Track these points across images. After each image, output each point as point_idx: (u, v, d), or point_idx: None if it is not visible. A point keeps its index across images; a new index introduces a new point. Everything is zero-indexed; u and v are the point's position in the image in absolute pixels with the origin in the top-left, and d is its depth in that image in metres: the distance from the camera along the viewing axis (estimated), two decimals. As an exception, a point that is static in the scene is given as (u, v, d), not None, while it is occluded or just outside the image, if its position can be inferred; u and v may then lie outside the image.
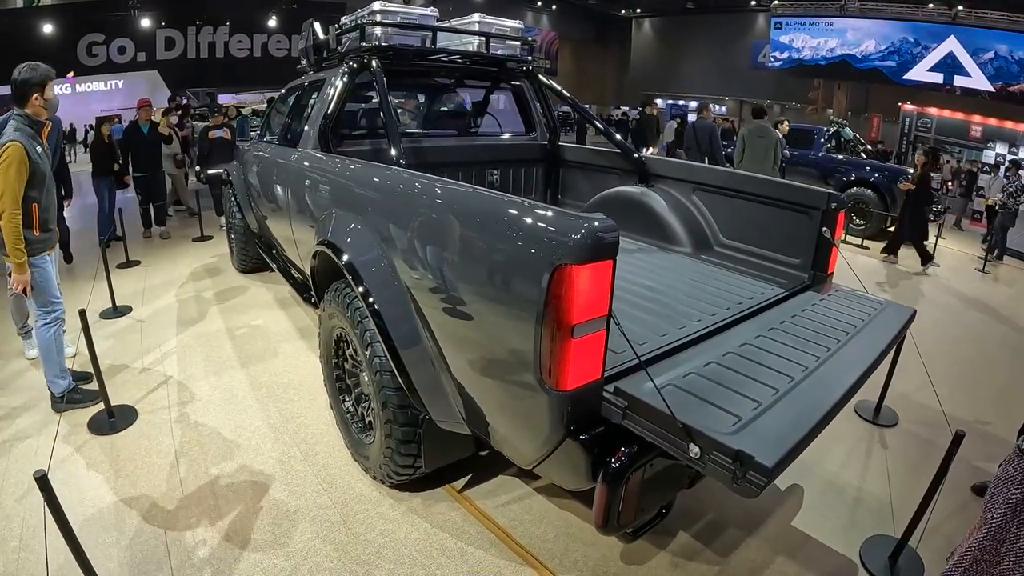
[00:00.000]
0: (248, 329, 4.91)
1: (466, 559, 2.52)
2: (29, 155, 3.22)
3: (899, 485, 3.17)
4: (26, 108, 3.31)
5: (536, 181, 4.69)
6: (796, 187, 3.14)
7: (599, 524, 1.79)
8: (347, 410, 3.12)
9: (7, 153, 3.14)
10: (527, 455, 2.03)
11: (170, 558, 2.49)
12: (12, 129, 3.24)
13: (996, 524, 1.84)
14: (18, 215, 3.22)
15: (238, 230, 5.93)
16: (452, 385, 2.30)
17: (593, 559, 2.54)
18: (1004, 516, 1.82)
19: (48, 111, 3.40)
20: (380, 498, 2.87)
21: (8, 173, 3.15)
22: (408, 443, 2.55)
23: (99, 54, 19.99)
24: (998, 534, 1.84)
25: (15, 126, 3.25)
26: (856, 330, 2.47)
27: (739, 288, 3.00)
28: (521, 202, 1.97)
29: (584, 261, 1.65)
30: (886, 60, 20.35)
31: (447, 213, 2.22)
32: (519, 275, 1.84)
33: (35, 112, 3.32)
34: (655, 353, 2.15)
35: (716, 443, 1.55)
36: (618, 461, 1.76)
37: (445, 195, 2.28)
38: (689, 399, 1.79)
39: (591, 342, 1.74)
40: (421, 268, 2.31)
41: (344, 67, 3.60)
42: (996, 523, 1.84)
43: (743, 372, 2.00)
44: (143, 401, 3.73)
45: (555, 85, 4.54)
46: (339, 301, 2.79)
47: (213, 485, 2.95)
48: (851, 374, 2.07)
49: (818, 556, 2.65)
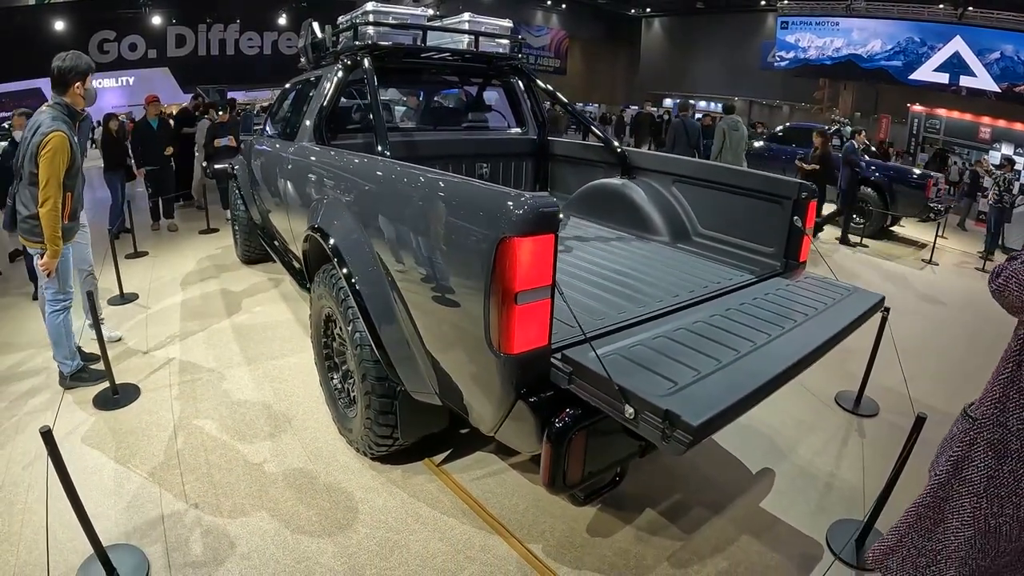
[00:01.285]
0: (249, 315, 5.08)
1: (438, 526, 2.67)
2: (71, 144, 3.29)
3: (873, 472, 3.20)
4: (66, 96, 3.36)
5: (526, 174, 4.83)
6: (769, 178, 3.24)
7: (545, 482, 1.93)
8: (334, 387, 3.28)
9: (52, 142, 3.18)
10: (487, 420, 2.16)
11: (163, 520, 2.66)
12: (50, 118, 3.27)
13: (938, 481, 1.87)
14: (59, 203, 3.29)
15: (242, 222, 6.11)
16: (424, 358, 2.45)
17: (559, 530, 2.67)
18: (946, 474, 1.85)
19: (86, 101, 3.44)
20: (362, 469, 3.02)
21: (54, 161, 3.20)
22: (386, 414, 2.70)
23: (110, 51, 20.25)
24: (940, 491, 1.87)
25: (53, 115, 3.29)
26: (816, 312, 2.54)
27: (709, 274, 3.10)
28: (472, 182, 2.13)
29: (526, 233, 1.80)
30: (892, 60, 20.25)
31: (413, 195, 2.38)
32: (470, 248, 1.99)
33: (74, 101, 3.37)
34: (609, 328, 2.28)
35: (648, 403, 1.68)
36: (562, 421, 1.89)
37: (411, 179, 2.44)
38: (631, 366, 1.92)
39: (535, 310, 1.88)
40: (393, 248, 2.48)
41: (338, 64, 3.76)
42: (938, 480, 1.87)
43: (690, 345, 2.12)
44: (146, 380, 3.90)
45: (542, 83, 4.68)
46: (327, 283, 2.96)
47: (208, 456, 3.11)
48: (798, 352, 2.14)
49: (784, 537, 2.73)
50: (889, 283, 7.30)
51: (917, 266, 8.30)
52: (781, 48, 23.39)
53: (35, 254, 3.50)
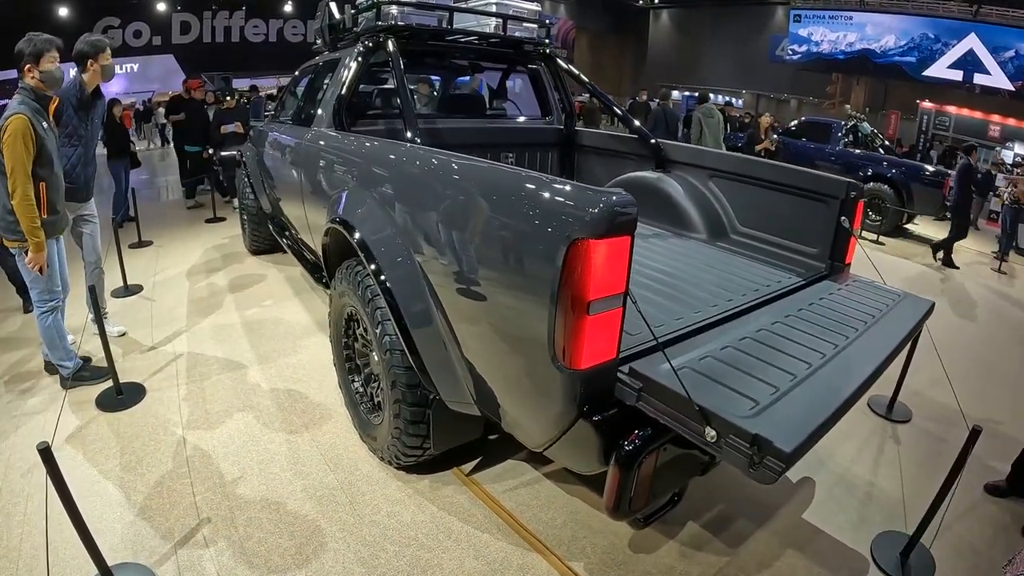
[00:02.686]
0: (258, 309, 4.90)
1: (472, 543, 2.49)
2: (35, 129, 3.07)
3: (911, 481, 3.11)
4: (26, 80, 3.17)
5: (552, 165, 4.65)
6: (814, 175, 3.08)
7: (610, 508, 1.76)
8: (356, 390, 3.09)
9: (10, 126, 2.99)
10: (537, 437, 1.99)
11: (173, 534, 2.48)
12: (17, 103, 3.09)
13: None
14: (29, 192, 3.08)
15: (250, 211, 5.92)
16: (463, 365, 2.26)
17: (601, 546, 2.51)
18: None
19: (48, 85, 3.21)
20: (387, 480, 2.85)
21: (15, 147, 2.99)
22: (417, 423, 2.52)
23: (115, 38, 19.96)
24: None
25: (19, 99, 3.11)
26: (873, 320, 2.41)
27: (755, 275, 2.94)
28: (539, 176, 1.92)
29: (601, 236, 1.61)
30: (906, 56, 20.04)
31: (463, 188, 2.18)
32: (535, 251, 1.79)
33: (36, 85, 3.17)
34: (670, 336, 2.11)
35: (733, 427, 1.51)
36: (632, 444, 1.72)
37: (461, 170, 2.25)
38: (705, 382, 1.75)
39: (607, 320, 1.70)
40: (435, 245, 2.27)
41: (359, 46, 3.56)
42: None
43: (760, 357, 1.95)
44: (152, 378, 3.73)
45: (573, 69, 4.48)
46: (350, 279, 2.76)
47: (219, 464, 2.94)
48: (869, 363, 2.01)
49: (829, 551, 2.60)
50: (906, 283, 7.11)
51: (934, 265, 8.14)
52: (793, 41, 23.17)
53: (16, 254, 3.30)
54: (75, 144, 3.62)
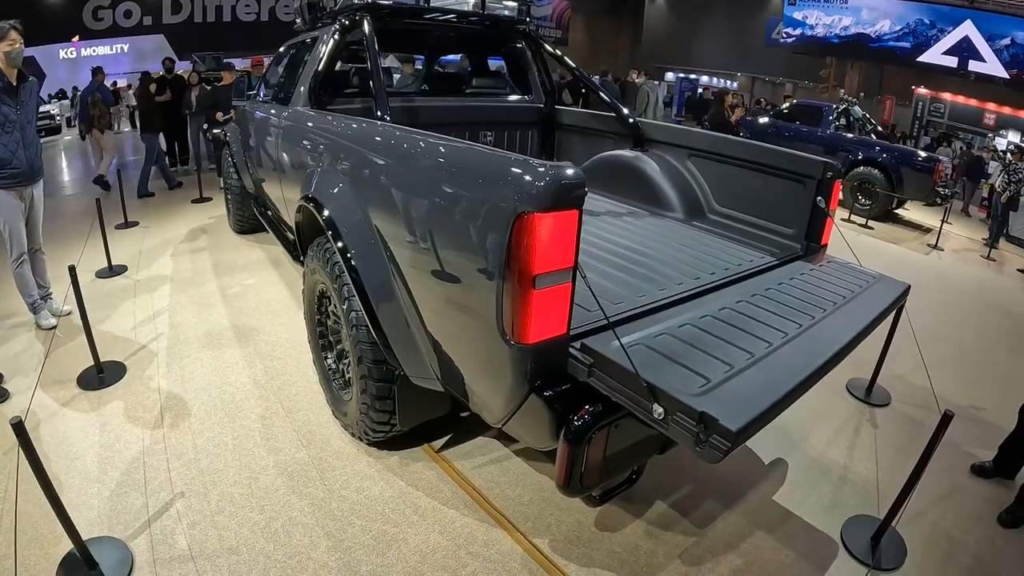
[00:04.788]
0: (240, 288, 4.90)
1: (438, 518, 2.52)
2: None
3: (886, 466, 3.12)
4: None
5: (532, 144, 4.63)
6: (792, 155, 3.06)
7: (560, 484, 1.76)
8: (328, 367, 3.10)
9: None
10: (495, 412, 1.99)
11: (148, 509, 2.51)
12: None
13: None
14: None
15: (234, 190, 5.90)
16: (426, 341, 2.26)
17: (567, 524, 2.53)
18: None
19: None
20: (357, 455, 2.87)
21: None
22: (383, 399, 2.53)
23: (104, 18, 19.64)
24: None
25: None
26: (844, 301, 2.39)
27: (727, 254, 2.93)
28: (488, 151, 1.91)
29: (548, 209, 1.60)
30: (901, 41, 19.81)
31: (418, 163, 2.18)
32: (484, 225, 1.79)
33: None
34: (630, 313, 2.10)
35: (680, 404, 1.51)
36: (581, 419, 1.71)
37: (416, 145, 2.24)
38: (658, 359, 1.75)
39: (555, 294, 1.69)
40: (394, 222, 2.28)
41: (336, 25, 3.53)
42: None
43: (719, 335, 1.95)
44: (132, 358, 3.74)
45: (552, 49, 4.45)
46: (321, 257, 2.76)
47: (195, 440, 2.96)
48: (832, 345, 1.99)
49: (798, 533, 2.61)
50: (896, 268, 7.03)
51: (922, 251, 8.16)
52: (788, 24, 22.90)
53: None
54: (9, 130, 3.61)
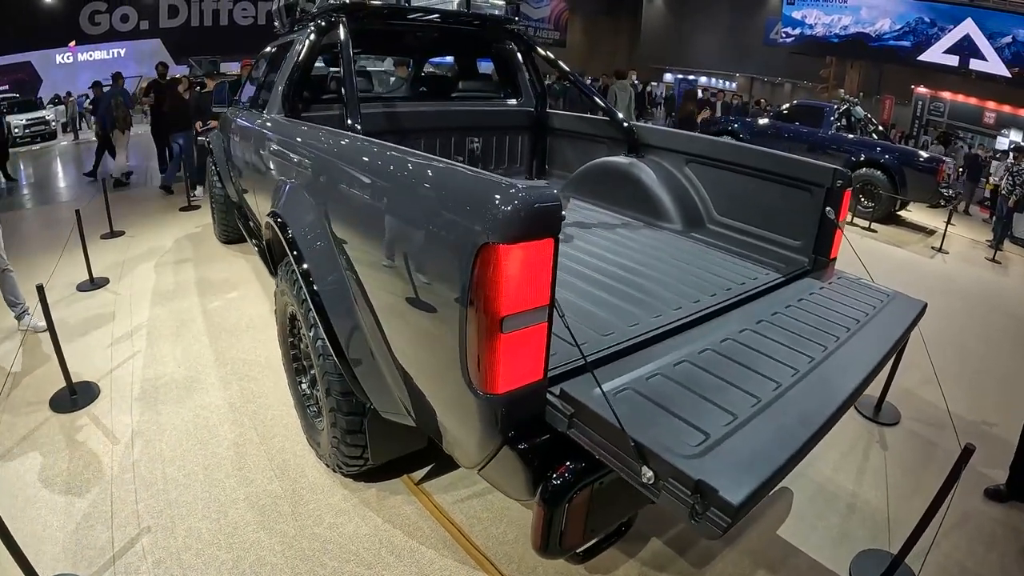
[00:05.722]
0: (222, 303, 4.74)
1: (416, 559, 2.34)
2: None
3: (897, 492, 2.94)
4: None
5: (522, 150, 4.44)
6: (799, 162, 2.87)
7: (537, 548, 1.52)
8: (303, 392, 2.92)
9: None
10: (468, 457, 1.77)
11: (113, 544, 2.37)
12: None
13: None
14: None
15: (219, 199, 5.74)
16: (395, 374, 2.04)
17: (553, 565, 2.34)
18: None
19: None
20: (333, 488, 2.69)
21: None
22: (353, 433, 2.34)
23: (101, 23, 19.76)
24: None
25: None
26: (859, 325, 2.18)
27: (729, 271, 2.74)
28: (445, 165, 1.68)
29: (516, 240, 1.36)
30: (901, 40, 19.64)
31: (376, 179, 1.96)
32: (443, 255, 1.56)
33: None
34: (622, 347, 1.90)
35: (673, 468, 1.30)
36: (560, 478, 1.48)
37: (376, 158, 2.03)
38: (649, 408, 1.53)
39: (527, 337, 1.46)
40: (355, 242, 2.09)
41: (311, 27, 3.35)
42: None
43: (720, 375, 1.73)
44: (107, 377, 3.60)
45: (542, 51, 4.27)
46: (288, 278, 2.57)
47: (165, 469, 2.81)
48: (849, 381, 1.78)
49: (804, 571, 2.44)
50: (901, 273, 6.95)
51: (927, 254, 7.97)
52: (787, 24, 22.75)
53: None
54: None
